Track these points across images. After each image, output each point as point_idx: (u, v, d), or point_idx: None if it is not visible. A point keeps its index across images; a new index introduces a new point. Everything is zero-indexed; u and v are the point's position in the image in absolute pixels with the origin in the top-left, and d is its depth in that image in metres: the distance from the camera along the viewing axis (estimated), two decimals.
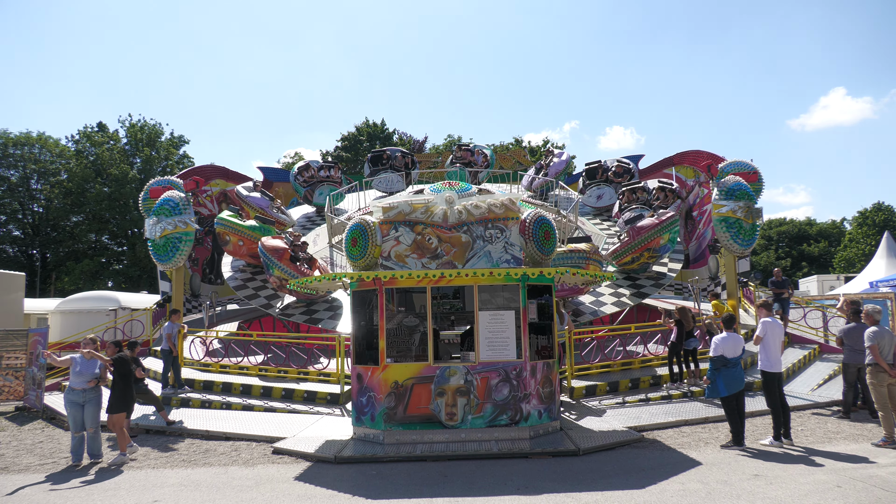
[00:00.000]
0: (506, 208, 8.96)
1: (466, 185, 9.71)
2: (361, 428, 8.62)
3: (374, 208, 9.35)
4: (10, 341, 12.90)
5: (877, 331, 7.78)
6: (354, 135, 48.20)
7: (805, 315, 15.29)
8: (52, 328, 15.95)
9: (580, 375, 11.36)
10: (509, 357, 8.35)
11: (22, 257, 41.45)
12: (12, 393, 12.78)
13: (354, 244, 8.87)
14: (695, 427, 9.17)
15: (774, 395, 7.97)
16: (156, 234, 14.21)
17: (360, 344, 9.02)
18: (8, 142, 39.14)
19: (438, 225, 8.91)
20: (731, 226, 13.55)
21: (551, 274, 8.72)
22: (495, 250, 8.85)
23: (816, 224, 59.17)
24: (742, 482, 6.35)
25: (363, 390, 8.62)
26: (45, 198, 40.55)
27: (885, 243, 23.69)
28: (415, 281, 8.37)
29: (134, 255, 39.70)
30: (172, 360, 11.93)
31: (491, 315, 8.48)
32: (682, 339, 11.07)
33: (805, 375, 12.17)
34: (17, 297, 18.33)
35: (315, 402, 11.00)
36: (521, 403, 8.26)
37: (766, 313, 8.27)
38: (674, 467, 7.01)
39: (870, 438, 8.11)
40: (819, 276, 30.52)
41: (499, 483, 6.62)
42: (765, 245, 57.15)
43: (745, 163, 15.02)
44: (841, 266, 47.56)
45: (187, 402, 11.34)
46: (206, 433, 9.49)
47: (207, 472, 7.46)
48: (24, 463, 8.28)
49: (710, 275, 17.59)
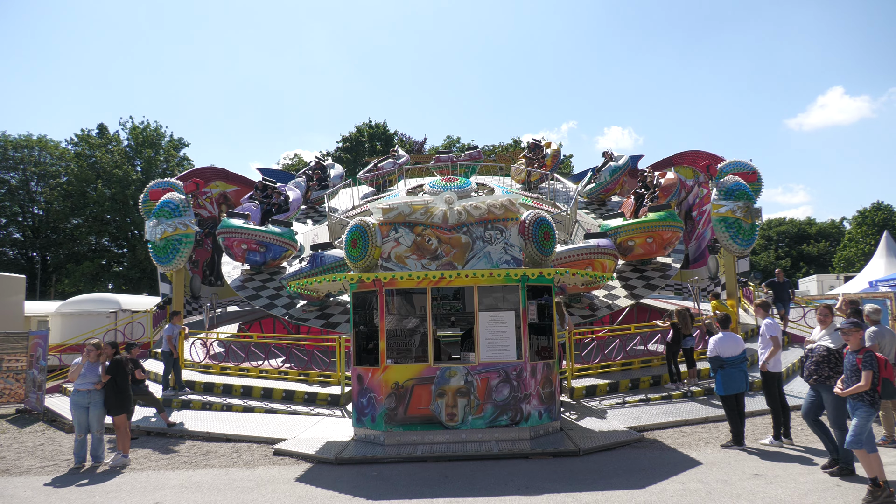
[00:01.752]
0: (505, 209, 8.98)
1: (465, 181, 9.73)
2: (362, 429, 8.63)
3: (373, 209, 9.37)
4: (10, 344, 12.91)
5: (877, 330, 7.78)
6: (356, 135, 48.23)
7: (805, 315, 15.31)
8: (52, 330, 15.96)
9: (580, 376, 11.38)
10: (509, 358, 8.36)
11: (22, 260, 41.50)
12: (13, 395, 12.79)
13: (354, 245, 8.89)
14: (695, 427, 9.18)
15: (774, 394, 7.99)
16: (156, 235, 14.22)
17: (360, 345, 9.04)
18: (8, 144, 39.18)
19: (438, 226, 8.93)
20: (730, 226, 13.56)
21: (551, 274, 8.74)
22: (495, 251, 8.87)
23: (816, 224, 59.20)
24: (742, 482, 6.36)
25: (364, 391, 8.64)
26: (46, 200, 40.56)
27: (885, 243, 23.73)
28: (415, 282, 8.39)
29: (134, 257, 39.72)
30: (173, 362, 11.94)
31: (491, 316, 8.49)
32: (679, 340, 11.12)
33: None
34: (18, 299, 18.35)
35: (315, 403, 11.01)
36: (521, 404, 8.27)
37: (765, 313, 8.29)
38: (674, 467, 7.02)
39: None
40: (819, 276, 30.57)
41: (499, 483, 6.63)
42: (764, 245, 57.19)
43: (744, 163, 15.04)
44: (840, 266, 47.60)
45: (188, 403, 11.35)
46: (207, 435, 9.50)
47: (208, 474, 7.47)
48: (25, 465, 8.29)
49: (710, 275, 17.60)
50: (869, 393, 5.75)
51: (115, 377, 8.23)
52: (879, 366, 5.78)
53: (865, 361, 5.78)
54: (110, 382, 8.22)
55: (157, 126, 43.16)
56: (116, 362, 8.35)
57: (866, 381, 5.71)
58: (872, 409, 5.76)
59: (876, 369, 5.74)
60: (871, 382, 5.71)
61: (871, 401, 5.75)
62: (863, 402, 5.76)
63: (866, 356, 5.82)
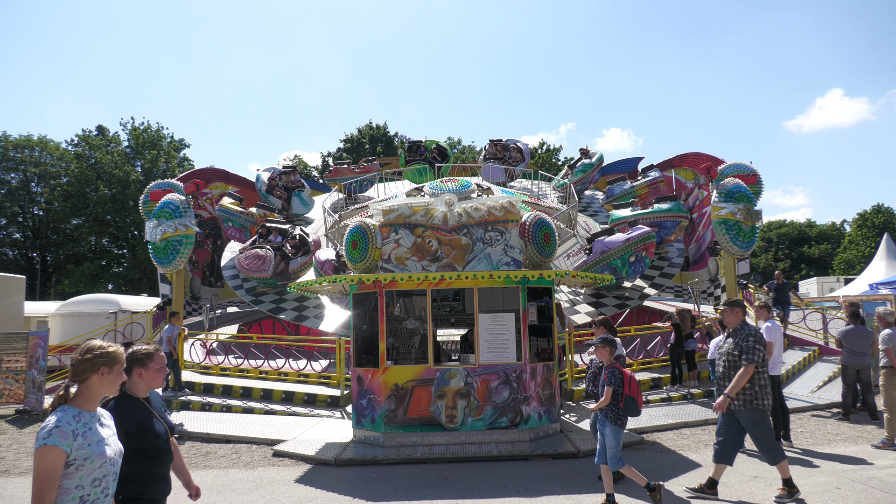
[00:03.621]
0: (505, 211, 8.98)
1: (466, 182, 9.74)
2: (362, 430, 8.63)
3: (373, 211, 9.38)
4: (10, 344, 12.91)
5: (892, 333, 7.77)
6: (356, 137, 48.28)
7: (805, 317, 15.32)
8: (52, 331, 15.94)
9: (580, 377, 11.38)
10: (509, 359, 8.36)
11: (22, 260, 41.51)
12: (13, 396, 12.78)
13: (354, 247, 8.90)
14: (695, 429, 9.18)
15: (773, 396, 7.97)
16: (156, 236, 14.22)
17: (360, 346, 9.04)
18: (8, 145, 39.20)
19: (438, 227, 8.94)
20: (730, 228, 13.57)
21: (551, 276, 8.74)
22: (495, 253, 8.87)
23: (816, 226, 59.23)
24: (742, 484, 6.37)
25: (363, 393, 8.64)
26: (46, 201, 40.58)
27: (885, 245, 23.74)
28: (415, 283, 8.39)
29: (134, 257, 39.74)
30: (173, 363, 11.94)
31: (491, 317, 8.49)
32: (682, 341, 11.12)
33: (805, 377, 12.19)
34: (18, 300, 18.35)
35: (315, 404, 11.01)
36: (521, 406, 8.27)
37: (767, 315, 8.29)
38: (674, 469, 7.02)
39: (869, 440, 8.12)
40: (819, 278, 30.61)
41: (499, 485, 6.63)
42: (765, 247, 57.22)
43: (744, 165, 15.04)
44: (841, 268, 47.59)
45: (187, 404, 11.35)
46: (207, 436, 9.50)
47: (208, 475, 7.46)
48: (24, 466, 8.29)
49: (710, 277, 17.60)
50: (612, 409, 5.74)
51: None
52: (624, 383, 5.75)
53: (608, 377, 5.77)
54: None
55: (157, 127, 43.23)
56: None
57: (606, 397, 5.71)
58: (617, 427, 5.75)
59: (618, 386, 5.71)
60: (610, 399, 5.71)
61: (615, 417, 5.74)
62: (607, 418, 5.77)
63: (609, 372, 5.79)
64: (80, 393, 2.64)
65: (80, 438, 2.49)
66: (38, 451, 2.41)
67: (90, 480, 2.51)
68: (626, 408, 5.76)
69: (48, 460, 2.40)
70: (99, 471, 2.54)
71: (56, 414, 2.53)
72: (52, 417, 2.51)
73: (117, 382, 2.74)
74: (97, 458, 2.52)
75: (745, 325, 5.91)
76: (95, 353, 2.66)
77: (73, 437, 2.47)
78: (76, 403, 2.62)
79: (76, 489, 2.47)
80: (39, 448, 2.41)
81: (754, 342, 5.69)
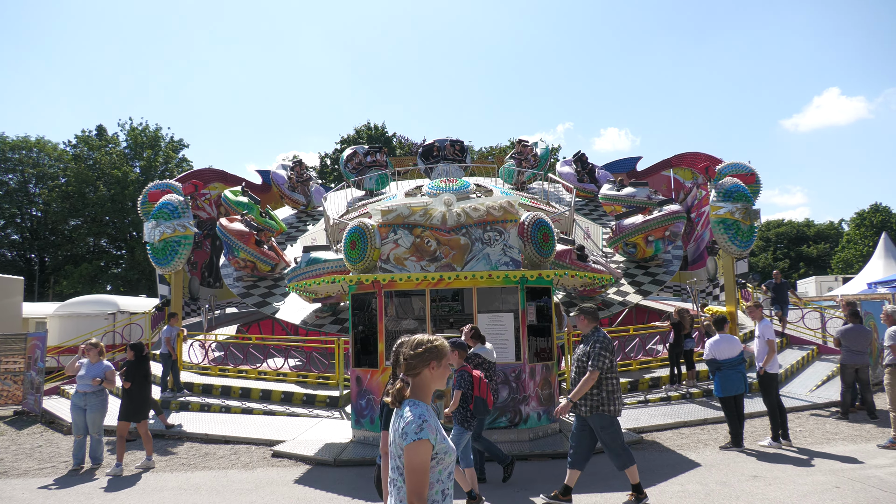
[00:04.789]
0: (504, 211, 8.98)
1: (464, 183, 9.74)
2: (361, 431, 8.62)
3: (372, 211, 9.38)
4: (8, 345, 12.89)
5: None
6: (354, 137, 48.24)
7: (803, 316, 15.34)
8: (50, 332, 15.95)
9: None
10: (508, 359, 8.35)
11: (20, 261, 41.40)
12: (11, 397, 12.76)
13: (353, 247, 8.89)
14: (693, 428, 9.18)
15: (771, 396, 7.99)
16: (155, 237, 14.20)
17: (358, 347, 9.03)
18: (6, 146, 39.09)
19: (437, 227, 8.93)
20: (728, 227, 13.58)
21: (550, 276, 8.74)
22: (494, 253, 8.87)
23: (814, 225, 59.28)
24: (741, 483, 6.37)
25: (362, 393, 8.63)
26: (44, 202, 40.49)
27: (883, 244, 23.75)
28: (414, 283, 8.39)
29: (132, 258, 39.66)
30: (171, 363, 11.93)
31: (490, 318, 8.49)
32: (681, 340, 11.12)
33: (803, 376, 12.20)
34: (16, 301, 18.33)
35: (314, 405, 11.00)
36: (520, 405, 8.27)
37: (761, 315, 8.30)
38: (673, 469, 7.02)
39: (868, 439, 8.12)
40: (817, 278, 30.64)
41: (499, 485, 6.62)
42: (763, 246, 57.25)
43: (742, 164, 15.06)
44: (839, 267, 47.62)
45: (186, 405, 11.34)
46: (206, 437, 9.49)
47: (207, 476, 7.46)
48: (23, 467, 8.27)
49: (709, 276, 17.63)
50: (459, 411, 5.76)
51: (141, 377, 8.17)
52: (473, 385, 5.76)
53: (457, 381, 5.78)
54: (139, 382, 8.14)
55: (156, 128, 43.15)
56: (140, 361, 8.27)
57: (455, 401, 5.74)
58: (462, 428, 5.75)
59: (466, 389, 5.73)
60: (458, 402, 5.74)
61: (461, 419, 5.74)
62: (455, 419, 5.80)
63: (458, 376, 5.80)
64: (417, 387, 2.59)
65: (439, 433, 2.48)
66: (412, 446, 2.37)
67: (447, 474, 2.50)
68: (477, 409, 5.91)
69: (423, 454, 2.37)
70: (452, 464, 2.54)
71: (411, 409, 2.48)
72: (410, 412, 2.46)
73: (445, 376, 2.69)
74: (451, 452, 2.52)
75: (597, 331, 5.79)
76: (426, 348, 2.61)
77: (436, 431, 2.45)
78: (418, 398, 2.57)
79: (437, 483, 2.45)
80: (414, 443, 2.37)
81: (601, 349, 5.61)
